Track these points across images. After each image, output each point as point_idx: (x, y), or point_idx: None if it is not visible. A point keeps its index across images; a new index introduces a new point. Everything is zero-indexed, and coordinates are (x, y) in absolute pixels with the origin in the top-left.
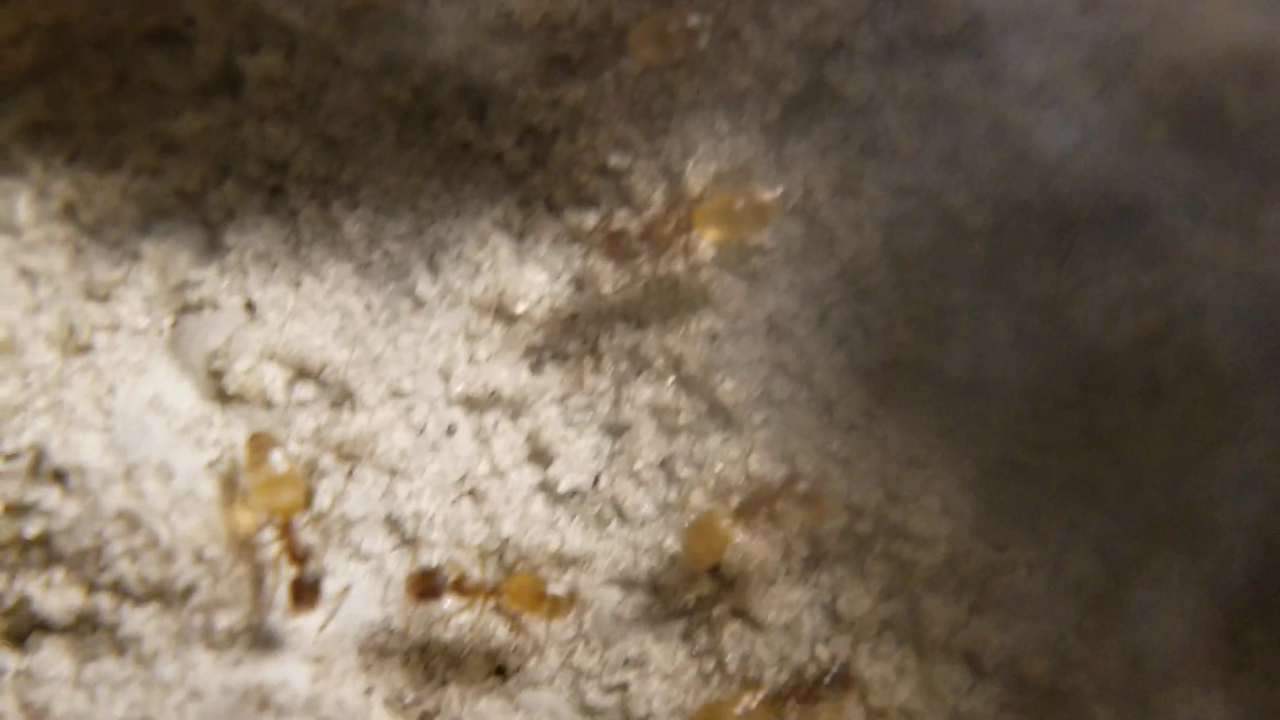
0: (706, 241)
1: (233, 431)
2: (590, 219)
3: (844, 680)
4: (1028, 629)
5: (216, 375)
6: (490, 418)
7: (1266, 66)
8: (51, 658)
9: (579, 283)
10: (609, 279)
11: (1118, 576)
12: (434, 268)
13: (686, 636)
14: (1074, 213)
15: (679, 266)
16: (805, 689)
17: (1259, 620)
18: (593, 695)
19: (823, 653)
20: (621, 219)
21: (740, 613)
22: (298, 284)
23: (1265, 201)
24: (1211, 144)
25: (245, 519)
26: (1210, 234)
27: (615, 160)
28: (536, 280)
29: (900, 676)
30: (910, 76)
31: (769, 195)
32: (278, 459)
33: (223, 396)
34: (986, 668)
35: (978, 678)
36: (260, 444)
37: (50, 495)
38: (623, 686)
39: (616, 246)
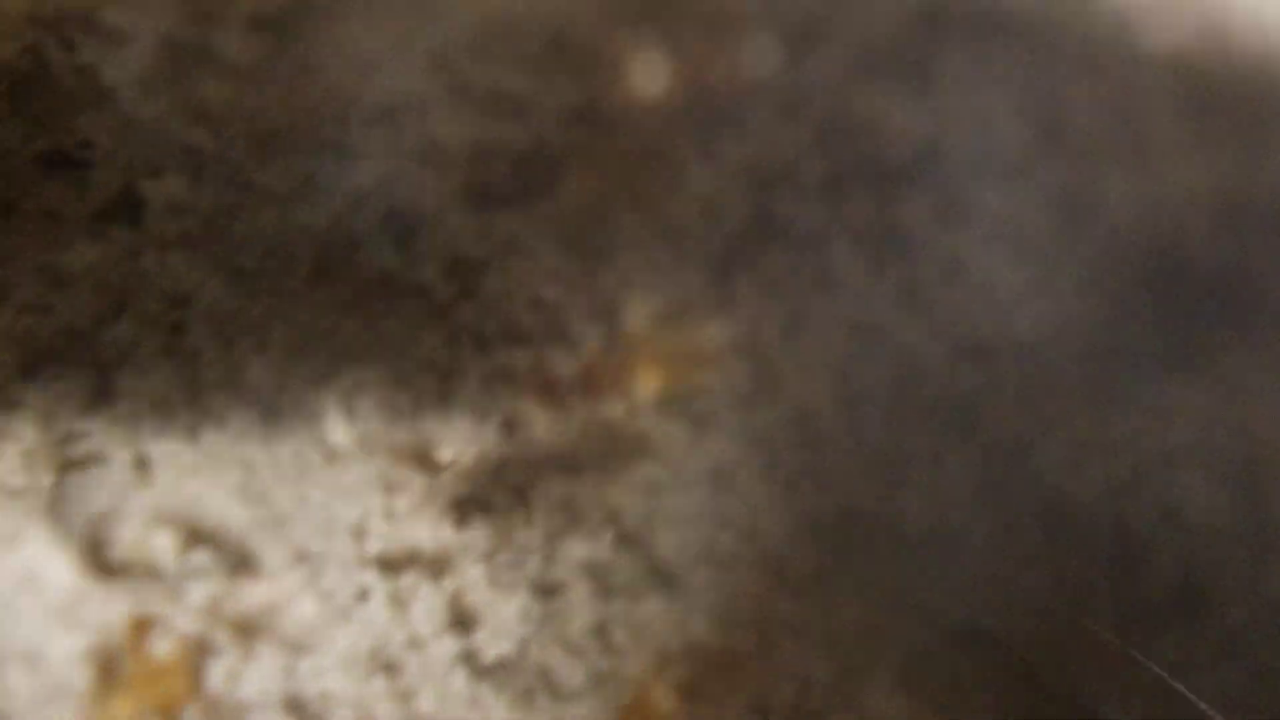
0: (646, 384)
1: (114, 610)
2: (522, 357)
3: None
4: None
5: (99, 544)
6: (408, 579)
7: (1233, 207)
8: None
9: (509, 427)
10: (541, 423)
11: None
12: (350, 413)
13: None
14: (1036, 354)
15: (617, 411)
16: None
17: None
18: None
19: None
20: (556, 362)
21: None
22: (196, 435)
23: (1234, 346)
24: (1179, 285)
25: (124, 711)
26: (1180, 379)
27: (549, 294)
28: (462, 424)
29: None
30: (862, 209)
31: (713, 335)
32: (163, 643)
33: (106, 569)
34: None
35: None
36: (143, 626)
37: None
38: None
39: (550, 393)
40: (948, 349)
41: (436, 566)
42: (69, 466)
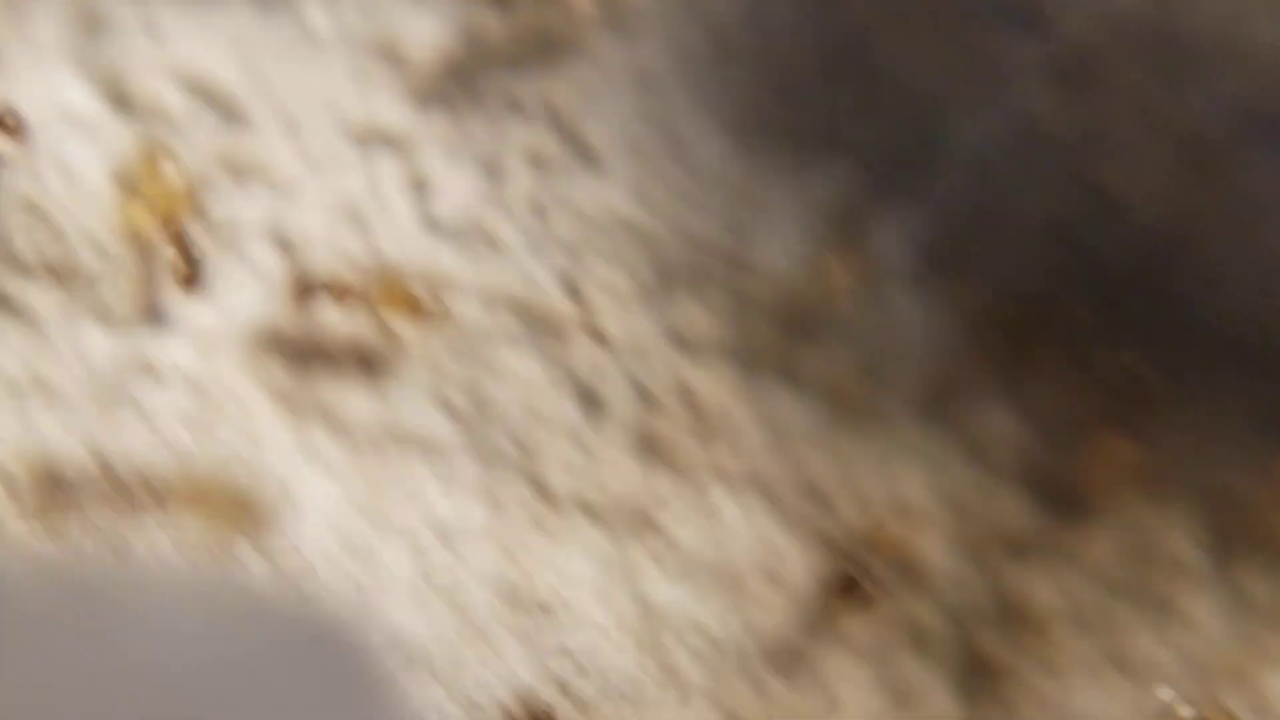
0: None
1: (131, 137)
2: None
3: None
4: (847, 354)
5: (118, 85)
6: (376, 151)
7: None
8: None
9: (466, 31)
10: (494, 29)
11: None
12: (330, 5)
13: (540, 350)
14: None
15: (558, 18)
16: None
17: (1041, 331)
18: (454, 395)
19: (662, 368)
20: None
21: (592, 331)
22: (198, 10)
23: None
24: None
25: (140, 217)
26: None
27: None
28: (426, 26)
29: (732, 395)
30: None
31: None
32: (171, 165)
33: (124, 104)
34: (807, 387)
35: (800, 397)
36: (154, 150)
37: None
38: (480, 389)
39: (503, 2)
40: None
41: (400, 144)
42: (90, 26)
